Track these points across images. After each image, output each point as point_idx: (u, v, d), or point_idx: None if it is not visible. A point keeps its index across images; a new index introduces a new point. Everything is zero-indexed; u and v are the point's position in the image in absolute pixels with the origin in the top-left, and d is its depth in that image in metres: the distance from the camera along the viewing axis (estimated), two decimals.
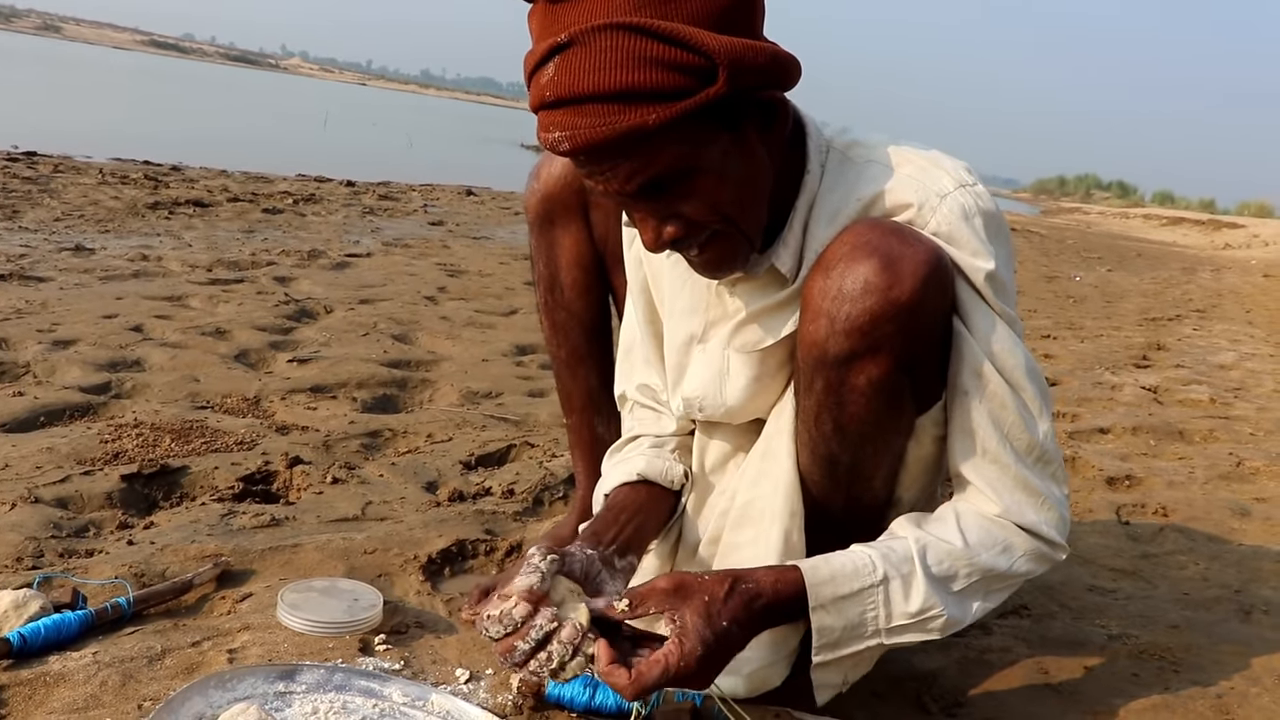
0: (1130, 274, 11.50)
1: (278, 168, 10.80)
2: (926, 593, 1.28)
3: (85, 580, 1.68)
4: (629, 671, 1.16)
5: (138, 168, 9.17)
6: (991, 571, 1.32)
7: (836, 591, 1.26)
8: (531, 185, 1.74)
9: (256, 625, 1.59)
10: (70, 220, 5.94)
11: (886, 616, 1.28)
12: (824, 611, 1.25)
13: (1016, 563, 1.34)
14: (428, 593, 1.80)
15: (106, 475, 2.18)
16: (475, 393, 3.22)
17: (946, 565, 1.30)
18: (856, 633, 1.28)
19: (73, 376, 2.90)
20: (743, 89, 1.15)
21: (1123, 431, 3.57)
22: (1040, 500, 1.34)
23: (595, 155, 1.15)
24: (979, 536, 1.32)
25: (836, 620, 1.26)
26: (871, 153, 1.36)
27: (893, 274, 1.21)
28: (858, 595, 1.27)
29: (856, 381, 1.27)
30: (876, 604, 1.27)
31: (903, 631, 1.29)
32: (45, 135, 10.28)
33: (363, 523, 2.07)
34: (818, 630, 1.26)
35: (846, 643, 1.28)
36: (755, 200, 1.27)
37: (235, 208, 7.28)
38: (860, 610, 1.27)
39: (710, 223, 1.24)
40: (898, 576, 1.28)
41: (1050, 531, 1.35)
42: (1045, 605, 1.98)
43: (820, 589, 1.25)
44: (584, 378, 1.82)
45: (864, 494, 1.40)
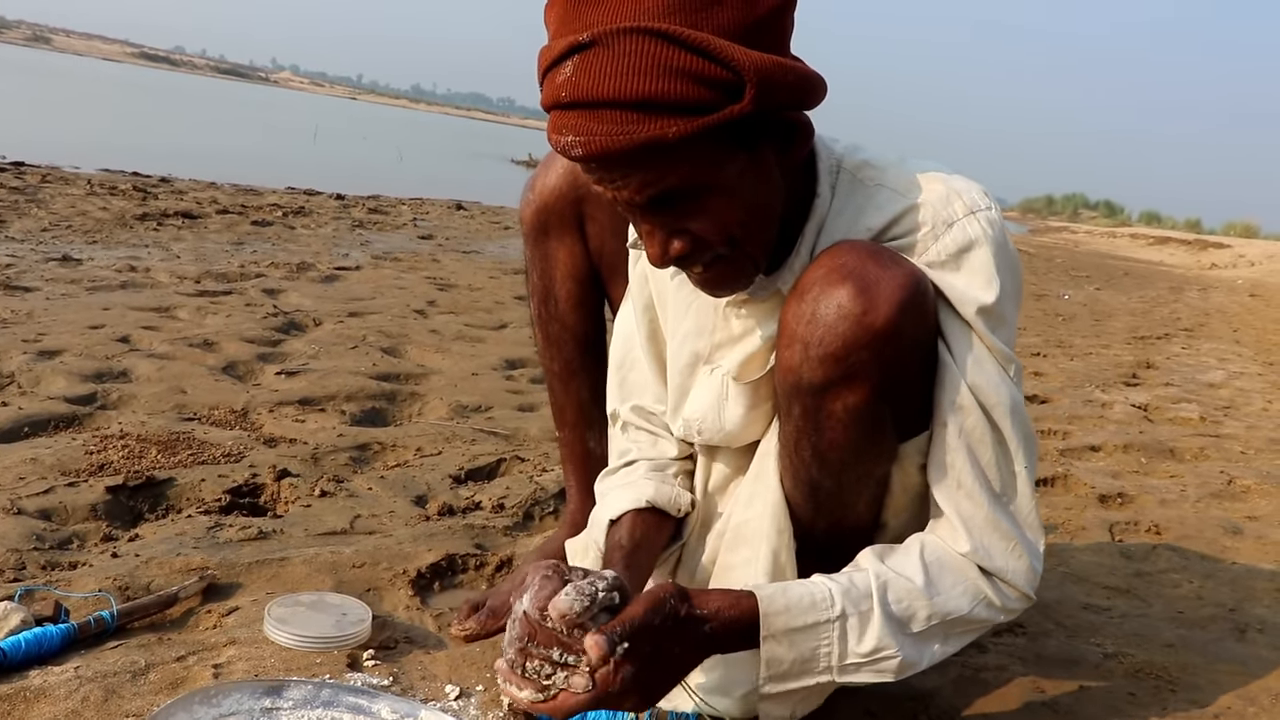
0: (1118, 292, 11.54)
1: (267, 180, 10.78)
2: (882, 633, 1.24)
3: (68, 593, 1.65)
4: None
5: (126, 179, 9.14)
6: (950, 615, 1.28)
7: (790, 623, 1.22)
8: (527, 196, 1.72)
9: (243, 640, 1.56)
10: (57, 230, 5.90)
11: (840, 654, 1.24)
12: (775, 642, 1.22)
13: (977, 609, 1.29)
14: (417, 608, 1.77)
15: (91, 487, 2.15)
16: (465, 406, 3.19)
17: (905, 605, 1.26)
18: (807, 667, 1.24)
19: (58, 387, 2.87)
20: (768, 108, 1.11)
21: (1114, 449, 3.56)
22: (1011, 546, 1.30)
23: (607, 164, 1.11)
24: (941, 576, 1.28)
25: (788, 652, 1.23)
26: (883, 175, 1.32)
27: (868, 299, 1.18)
28: (812, 629, 1.23)
29: (833, 408, 1.24)
30: (831, 640, 1.24)
31: (855, 670, 1.25)
32: (33, 146, 10.24)
33: (351, 536, 2.05)
34: (766, 661, 1.22)
35: (796, 676, 1.24)
36: (765, 224, 1.24)
37: (224, 220, 7.25)
38: (814, 645, 1.23)
39: (717, 244, 1.21)
40: (855, 613, 1.24)
41: (1017, 580, 1.30)
42: (1040, 623, 1.96)
43: (774, 619, 1.21)
44: (577, 391, 1.80)
45: (847, 518, 1.38)
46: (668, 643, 1.15)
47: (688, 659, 1.19)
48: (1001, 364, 1.28)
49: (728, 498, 1.49)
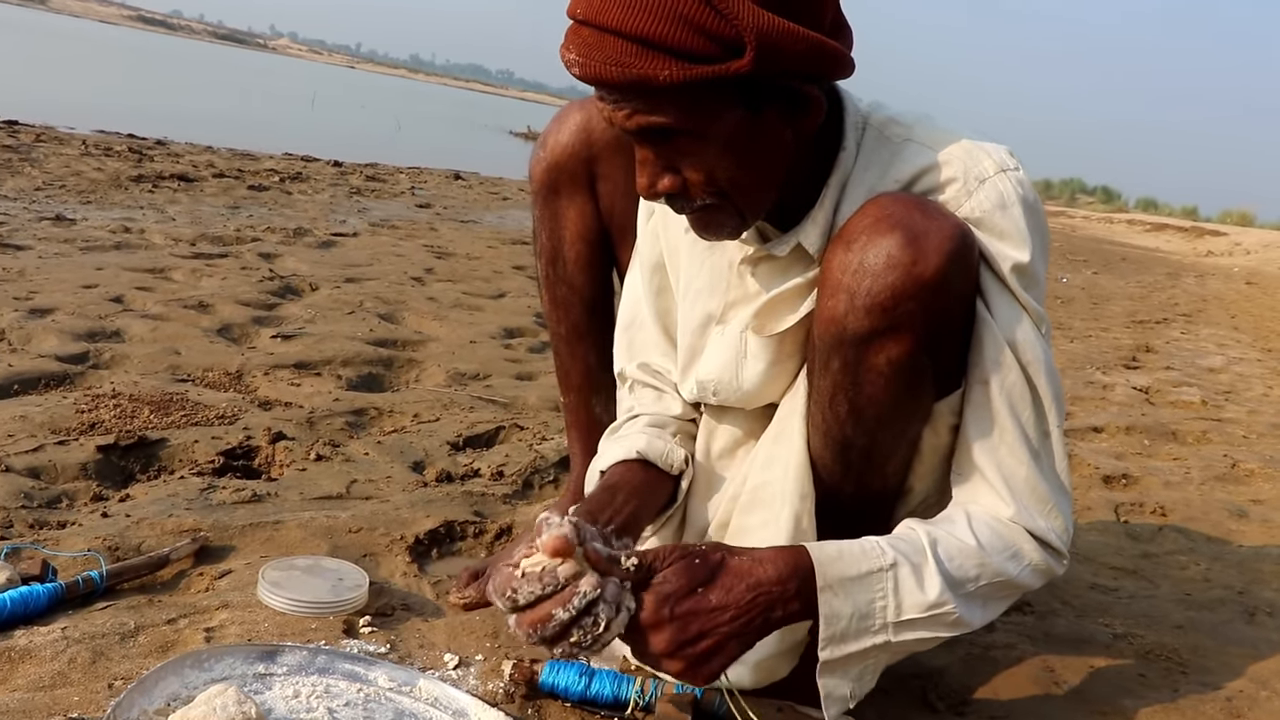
0: (1116, 277, 11.50)
1: (264, 146, 10.67)
2: (940, 586, 1.18)
3: (56, 552, 1.61)
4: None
5: (122, 140, 9.04)
6: (1000, 577, 1.24)
7: (844, 571, 1.16)
8: (538, 154, 1.66)
9: (236, 604, 1.52)
10: (51, 190, 5.82)
11: (896, 607, 1.18)
12: (831, 593, 1.15)
13: (1023, 572, 1.26)
14: (415, 574, 1.73)
15: (82, 446, 2.10)
16: (463, 374, 3.15)
17: (958, 563, 1.22)
18: (864, 625, 1.17)
19: (49, 345, 2.81)
20: (770, 75, 1.11)
21: (1116, 431, 3.53)
22: (1049, 507, 1.27)
23: (600, 88, 1.14)
24: (991, 539, 1.24)
25: (844, 605, 1.15)
26: (910, 131, 1.30)
27: (917, 249, 1.15)
28: (866, 579, 1.17)
29: (875, 361, 1.20)
30: (885, 591, 1.17)
31: (912, 627, 1.19)
32: (27, 105, 10.11)
33: (347, 501, 2.01)
34: (825, 618, 1.15)
35: (855, 636, 1.17)
36: (761, 183, 1.22)
37: (220, 183, 7.17)
38: (869, 598, 1.17)
39: (702, 193, 1.20)
40: (908, 564, 1.19)
41: (1057, 541, 1.28)
42: (1048, 602, 1.93)
43: (828, 566, 1.15)
44: (583, 355, 1.75)
45: (875, 481, 1.34)
46: (708, 590, 1.10)
47: (735, 617, 1.10)
48: (1035, 321, 1.25)
49: (737, 462, 1.45)
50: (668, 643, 1.08)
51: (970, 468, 1.29)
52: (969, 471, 1.29)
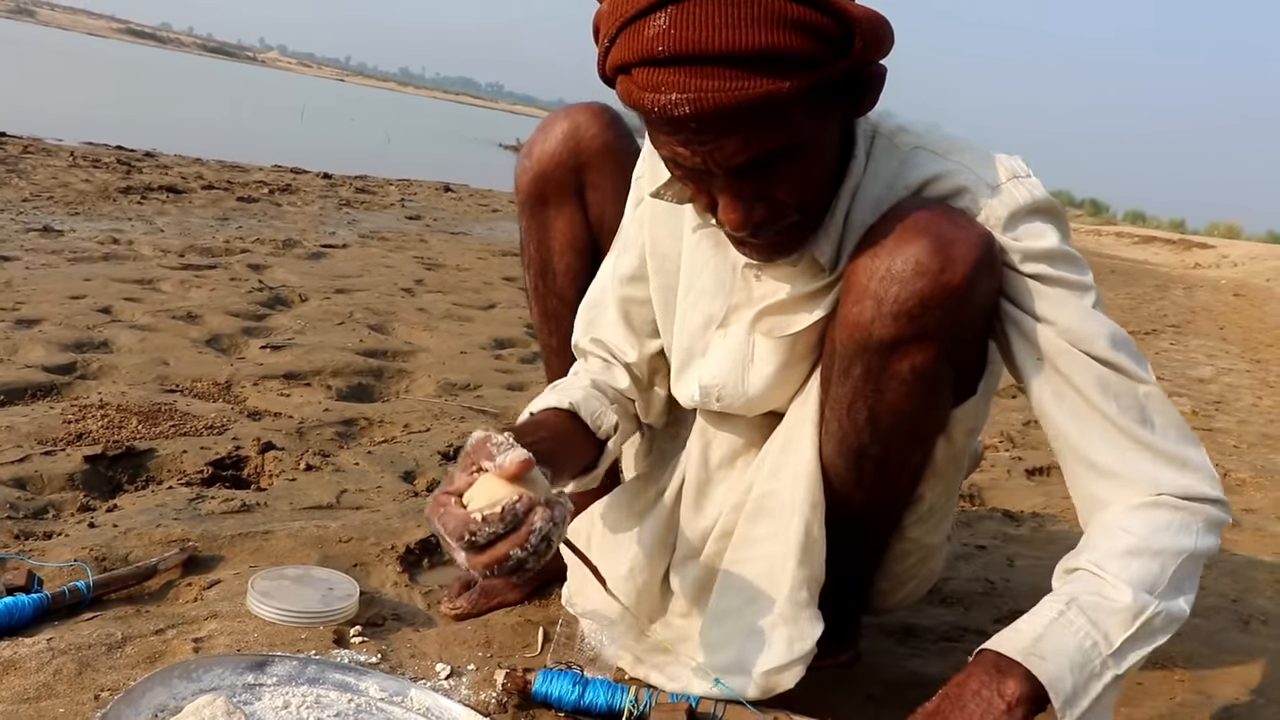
0: (1106, 290, 11.50)
1: (254, 158, 10.64)
2: (1131, 593, 1.10)
3: (42, 563, 1.59)
4: None
5: (110, 152, 9.01)
6: (1181, 554, 1.14)
7: (1031, 637, 1.09)
8: (523, 163, 1.63)
9: (225, 614, 1.50)
10: (39, 201, 5.80)
11: (1105, 637, 1.09)
12: (1039, 660, 1.07)
13: (1199, 538, 1.16)
14: (405, 584, 1.72)
15: (69, 456, 2.08)
16: (453, 384, 3.13)
17: (1134, 566, 1.12)
18: (1087, 672, 1.08)
19: (36, 355, 2.79)
20: (866, 62, 1.09)
21: None
22: (1183, 464, 1.18)
23: (713, 123, 1.04)
24: (1148, 528, 1.15)
25: (1056, 666, 1.07)
26: (919, 139, 1.27)
27: (945, 257, 1.13)
28: (1053, 630, 1.09)
29: (899, 368, 1.20)
30: (1083, 629, 1.09)
31: (1132, 647, 1.10)
32: (15, 117, 10.07)
33: (337, 511, 1.99)
34: (1050, 686, 1.06)
35: (1084, 689, 1.07)
36: (829, 184, 1.21)
37: (209, 195, 7.15)
38: (1075, 643, 1.08)
39: (792, 210, 1.17)
40: (1084, 595, 1.11)
41: (1208, 488, 1.18)
42: None
43: (1018, 642, 1.09)
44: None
45: (888, 489, 1.34)
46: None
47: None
48: (1078, 296, 1.19)
49: (737, 471, 1.44)
50: None
51: (1087, 481, 1.22)
52: (1087, 485, 1.22)
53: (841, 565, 1.38)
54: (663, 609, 1.49)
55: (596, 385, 1.46)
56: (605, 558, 1.48)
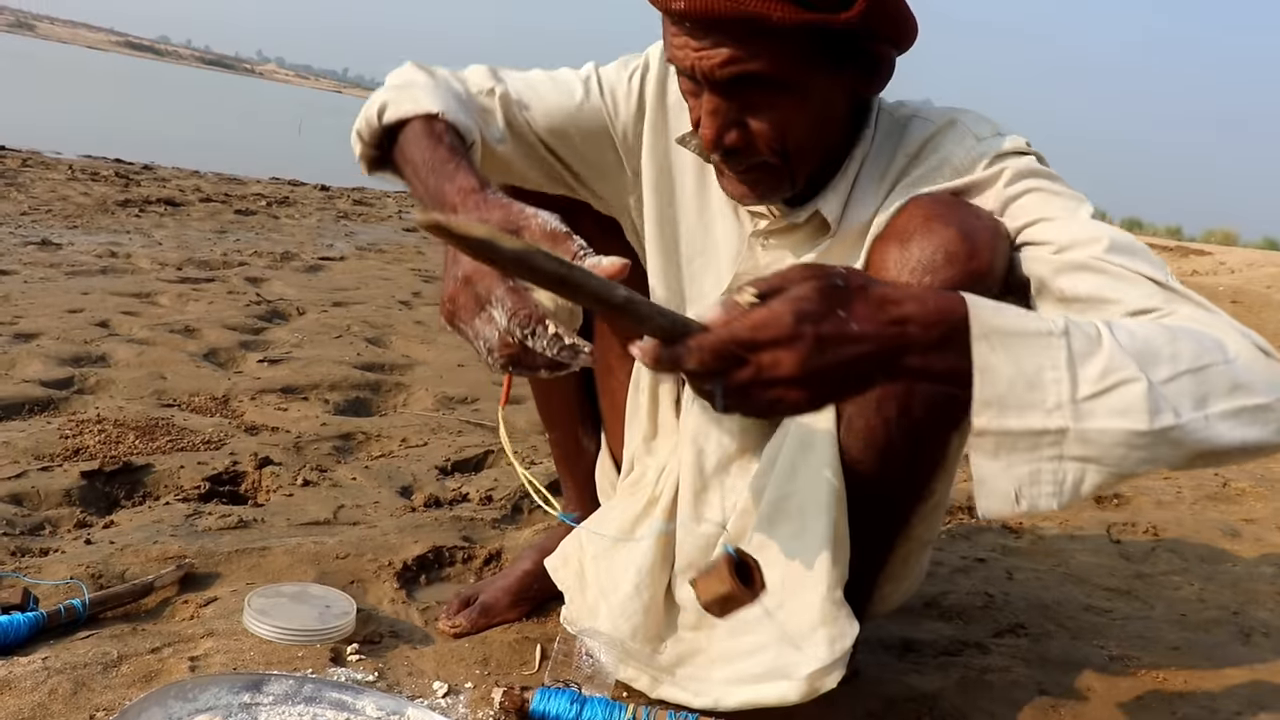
0: None
1: (251, 170, 10.67)
2: (1115, 353, 0.94)
3: (38, 580, 1.58)
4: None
5: (109, 165, 9.02)
6: (1204, 361, 0.97)
7: (1005, 324, 0.94)
8: None
9: (221, 632, 1.49)
10: (37, 215, 5.80)
11: (1072, 383, 0.93)
12: (987, 344, 0.93)
13: (1236, 363, 0.98)
14: (403, 601, 1.71)
15: (66, 472, 2.08)
16: (451, 398, 3.12)
17: (1143, 336, 0.97)
18: (1031, 398, 0.93)
19: (34, 370, 2.78)
20: (868, 33, 1.16)
21: None
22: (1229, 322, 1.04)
23: (705, 26, 1.13)
24: (1177, 326, 1.02)
25: (1005, 364, 0.93)
26: (915, 110, 1.35)
27: (972, 244, 1.16)
28: (1031, 339, 0.94)
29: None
30: (1058, 362, 0.93)
31: (1091, 408, 0.93)
32: (13, 130, 10.09)
33: (335, 527, 1.98)
34: (980, 370, 0.93)
35: (1016, 409, 0.93)
36: (819, 147, 1.26)
37: (207, 208, 7.15)
38: (1036, 363, 0.93)
39: (768, 150, 1.22)
40: (1080, 333, 0.95)
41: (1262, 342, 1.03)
42: (1042, 624, 1.91)
43: (984, 313, 0.94)
44: (564, 390, 1.69)
45: (905, 486, 1.35)
46: (849, 317, 0.92)
47: (873, 353, 0.92)
48: (1075, 205, 1.19)
49: (733, 476, 1.43)
50: (799, 366, 0.90)
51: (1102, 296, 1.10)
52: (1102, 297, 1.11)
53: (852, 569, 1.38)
54: (670, 624, 1.48)
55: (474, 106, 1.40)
56: (604, 579, 1.48)
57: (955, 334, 0.93)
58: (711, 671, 1.38)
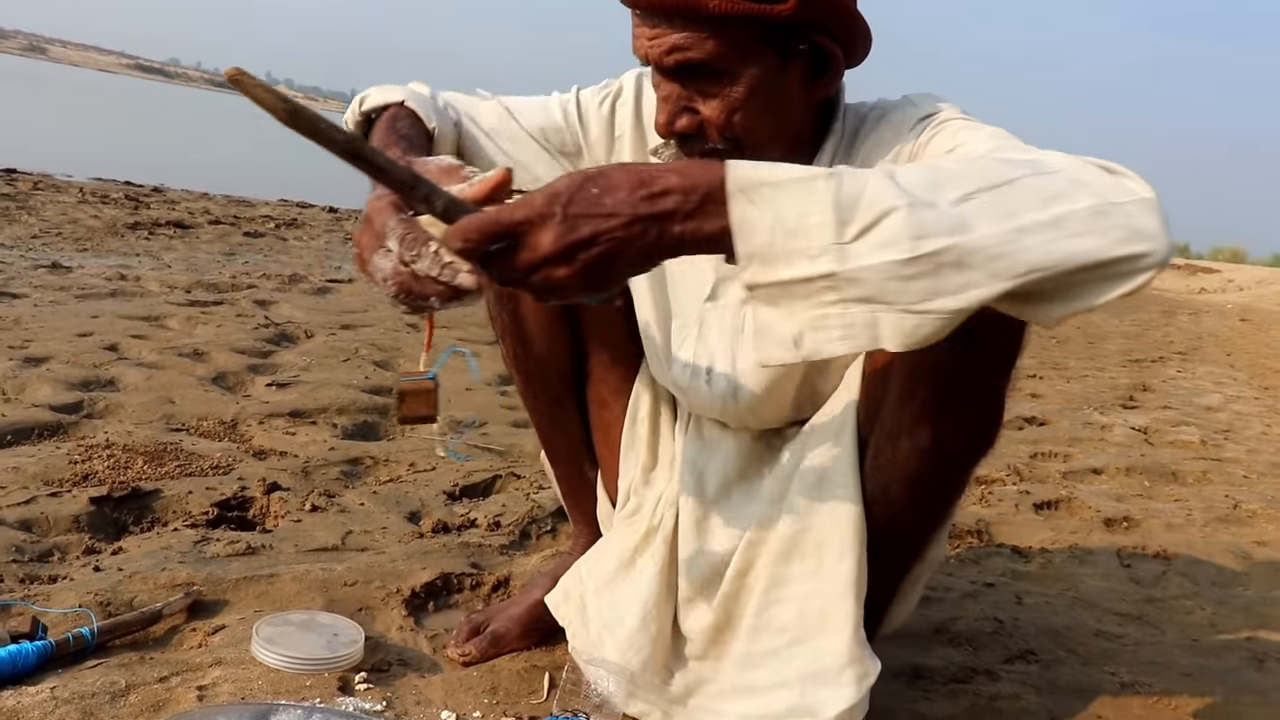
0: (1111, 316, 11.51)
1: (259, 192, 10.72)
2: (880, 183, 0.91)
3: (46, 609, 1.58)
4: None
5: (119, 188, 9.07)
6: (1009, 180, 0.92)
7: (762, 177, 0.92)
8: None
9: (229, 660, 1.49)
10: (47, 238, 5.83)
11: (838, 224, 0.90)
12: (745, 200, 0.92)
13: (1065, 175, 0.93)
14: (411, 628, 1.70)
15: (74, 497, 2.08)
16: (459, 421, 3.13)
17: (930, 168, 0.96)
18: (796, 244, 0.91)
19: (43, 395, 2.79)
20: (807, 25, 1.20)
21: (1116, 472, 3.51)
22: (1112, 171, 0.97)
23: (653, 15, 1.21)
24: (1000, 156, 1.01)
25: (762, 214, 0.92)
26: (877, 103, 1.39)
27: None
28: (792, 186, 0.92)
29: (970, 392, 1.20)
30: (824, 205, 0.90)
31: (860, 248, 0.89)
32: (25, 154, 10.16)
33: (343, 553, 1.98)
34: (736, 226, 0.92)
35: (781, 256, 0.91)
36: (772, 135, 1.28)
37: (216, 230, 7.18)
38: (799, 210, 0.91)
39: (717, 136, 1.26)
40: (853, 176, 0.92)
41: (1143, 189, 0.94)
42: (1052, 650, 1.90)
43: (740, 170, 0.93)
44: (566, 425, 1.69)
45: (935, 513, 1.35)
46: (602, 193, 0.93)
47: (631, 223, 0.92)
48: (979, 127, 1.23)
49: (735, 501, 1.43)
50: (555, 242, 0.92)
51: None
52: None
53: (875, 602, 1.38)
54: (678, 654, 1.47)
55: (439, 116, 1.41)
56: (608, 613, 1.47)
57: (714, 194, 0.92)
58: (724, 704, 1.38)
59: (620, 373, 1.61)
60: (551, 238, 0.92)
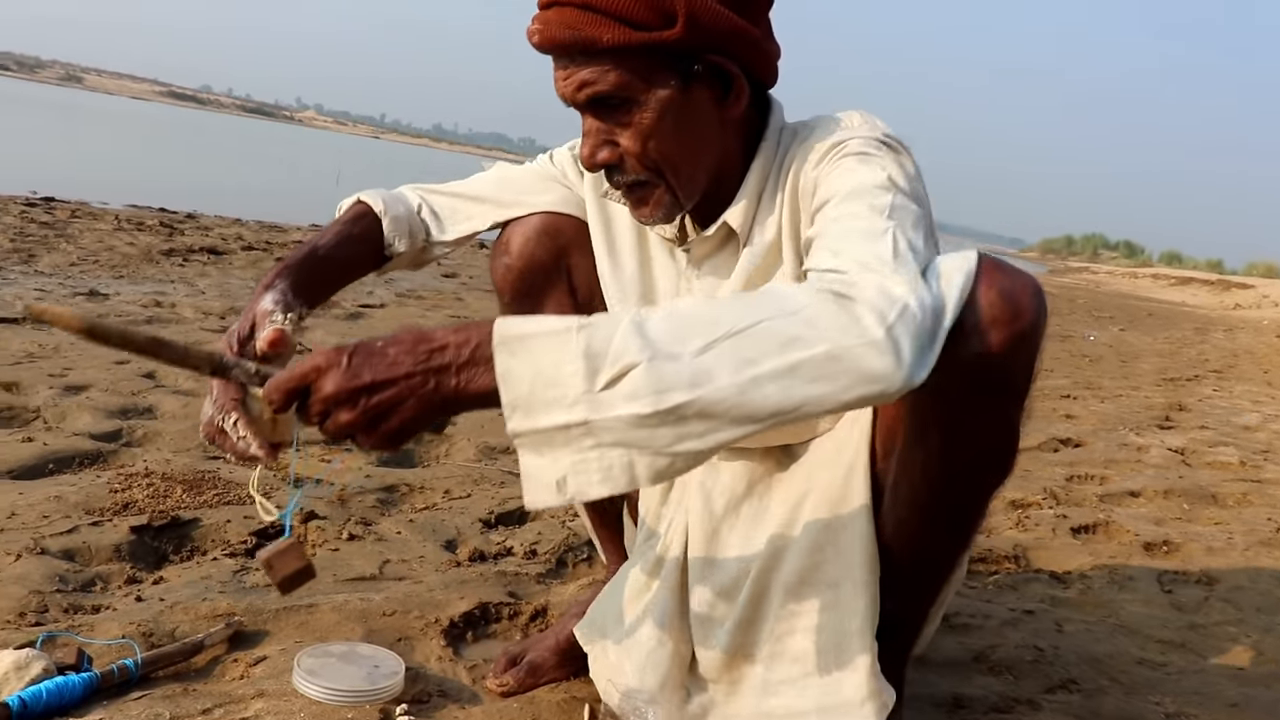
0: (1144, 334, 11.43)
1: (291, 217, 10.83)
2: (624, 337, 0.97)
3: (91, 640, 1.60)
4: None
5: (153, 215, 9.18)
6: (749, 326, 0.98)
7: (525, 330, 1.00)
8: (503, 262, 1.58)
9: (271, 692, 1.50)
10: (85, 265, 5.91)
11: (590, 373, 0.97)
12: (507, 351, 1.00)
13: (804, 316, 0.98)
14: (450, 659, 1.71)
15: (115, 526, 2.10)
16: (493, 448, 3.14)
17: (677, 321, 1.00)
18: (554, 394, 0.98)
19: (83, 423, 2.83)
20: (699, 47, 1.23)
21: (1154, 494, 3.47)
22: (894, 264, 1.04)
23: (558, 55, 1.25)
24: (747, 297, 1.06)
25: (524, 366, 0.99)
26: (814, 120, 1.37)
27: (1013, 305, 1.12)
28: (548, 338, 0.99)
29: (984, 421, 1.19)
30: (576, 355, 0.97)
31: (610, 399, 0.96)
32: (63, 182, 10.31)
33: (380, 582, 1.99)
34: (501, 377, 0.99)
35: (544, 406, 0.98)
36: (689, 160, 1.30)
37: (249, 256, 7.26)
38: (554, 359, 0.98)
39: (637, 167, 1.29)
40: (606, 324, 1.00)
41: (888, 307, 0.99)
42: (1094, 679, 1.88)
43: (506, 326, 1.01)
44: None
45: (959, 541, 1.35)
46: (385, 346, 1.03)
47: (411, 374, 1.01)
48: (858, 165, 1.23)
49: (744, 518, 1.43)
50: (337, 386, 1.02)
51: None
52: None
53: (900, 626, 1.38)
54: (695, 676, 1.47)
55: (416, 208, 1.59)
56: (626, 637, 1.49)
57: (482, 348, 1.01)
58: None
59: None
60: (334, 382, 1.02)
